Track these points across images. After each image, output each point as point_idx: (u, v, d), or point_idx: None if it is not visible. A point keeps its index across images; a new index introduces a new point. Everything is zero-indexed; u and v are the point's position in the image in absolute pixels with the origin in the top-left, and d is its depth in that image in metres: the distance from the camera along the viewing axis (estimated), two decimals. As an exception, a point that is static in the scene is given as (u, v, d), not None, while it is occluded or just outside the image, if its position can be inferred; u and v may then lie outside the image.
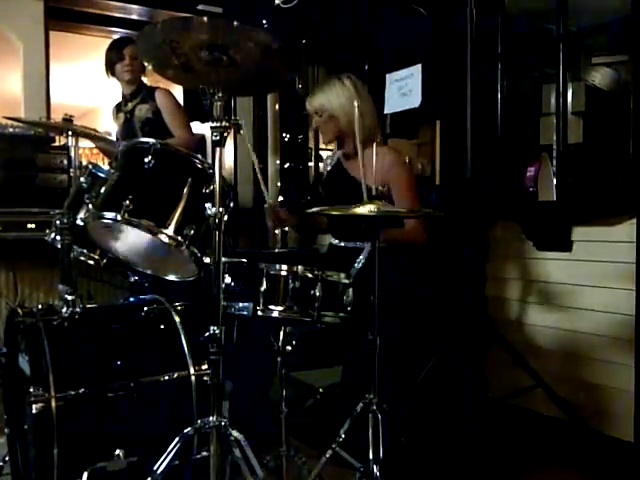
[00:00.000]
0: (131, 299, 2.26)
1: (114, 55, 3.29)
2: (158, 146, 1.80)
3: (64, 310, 1.87)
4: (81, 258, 2.13)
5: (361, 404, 1.85)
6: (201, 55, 1.58)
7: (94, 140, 2.90)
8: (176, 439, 1.62)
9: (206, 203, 1.63)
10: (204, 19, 1.53)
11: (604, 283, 2.56)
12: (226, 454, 1.63)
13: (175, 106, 3.32)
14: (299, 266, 1.76)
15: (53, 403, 1.67)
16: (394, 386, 2.26)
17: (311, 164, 4.41)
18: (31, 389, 1.66)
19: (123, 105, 3.41)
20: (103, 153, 3.75)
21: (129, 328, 2.00)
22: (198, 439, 1.73)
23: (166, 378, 1.86)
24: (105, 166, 2.10)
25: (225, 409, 1.69)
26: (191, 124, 3.35)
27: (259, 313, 1.74)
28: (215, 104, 1.61)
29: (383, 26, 3.48)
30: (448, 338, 2.68)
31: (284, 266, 1.75)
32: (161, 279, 2.05)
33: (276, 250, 2.81)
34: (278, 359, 1.94)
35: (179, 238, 1.73)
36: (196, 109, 3.55)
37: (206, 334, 1.58)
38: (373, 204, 1.74)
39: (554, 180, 2.78)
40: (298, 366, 2.67)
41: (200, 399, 1.85)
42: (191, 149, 2.56)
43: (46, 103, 3.67)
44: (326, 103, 2.50)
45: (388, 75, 3.30)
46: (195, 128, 3.41)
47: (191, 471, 1.80)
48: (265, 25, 3.92)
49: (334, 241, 2.66)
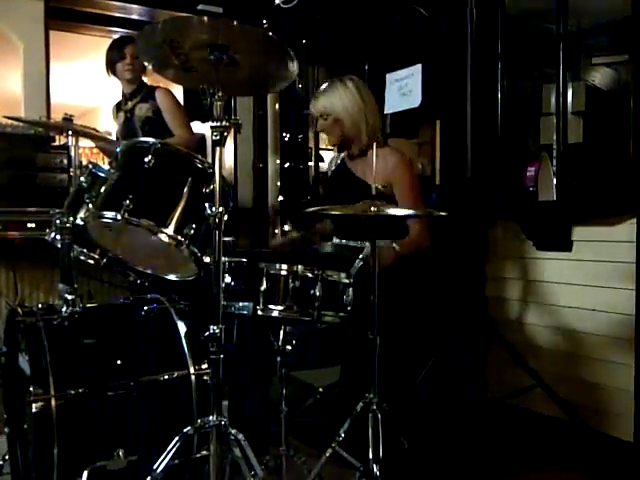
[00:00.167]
0: (131, 298, 2.25)
1: (115, 54, 3.29)
2: (158, 145, 1.79)
3: (64, 309, 1.87)
4: (81, 257, 2.12)
5: (361, 403, 1.85)
6: (201, 55, 1.58)
7: (94, 139, 2.91)
8: (176, 438, 1.62)
9: (206, 203, 1.63)
10: (204, 19, 1.53)
11: (604, 283, 2.56)
12: (226, 453, 1.64)
13: (175, 105, 3.33)
14: (299, 265, 1.76)
15: (53, 402, 1.67)
16: (394, 386, 2.26)
17: (311, 164, 4.40)
18: (31, 388, 1.66)
19: (123, 104, 3.41)
20: (103, 152, 3.75)
21: (129, 327, 2.00)
22: (198, 438, 1.73)
23: (166, 377, 1.86)
24: (105, 165, 2.10)
25: (225, 408, 1.69)
26: (191, 124, 3.35)
27: (259, 312, 1.74)
28: (215, 104, 1.61)
29: (383, 26, 3.48)
30: (448, 338, 2.68)
31: (284, 265, 1.76)
32: (161, 278, 2.05)
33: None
34: (278, 358, 1.94)
35: (179, 237, 1.73)
36: (196, 109, 3.56)
37: (206, 333, 1.58)
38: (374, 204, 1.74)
39: (554, 180, 2.78)
40: (298, 365, 2.67)
41: (200, 398, 1.85)
42: (191, 149, 2.56)
43: (46, 102, 3.67)
44: (330, 106, 2.50)
45: (388, 75, 3.30)
46: (195, 128, 3.41)
47: (191, 470, 1.81)
48: (265, 25, 3.92)
49: (337, 240, 2.67)
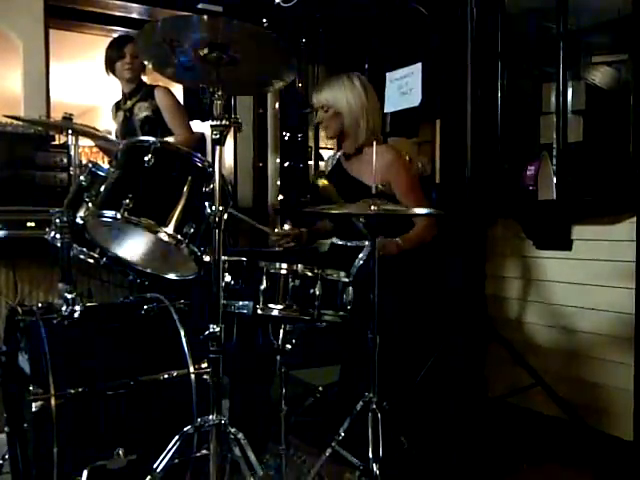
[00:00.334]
0: (131, 298, 2.25)
1: (114, 53, 3.29)
2: (158, 144, 1.79)
3: (64, 309, 1.87)
4: (81, 257, 2.12)
5: (361, 402, 1.85)
6: (201, 54, 1.58)
7: (94, 138, 2.91)
8: (176, 437, 1.62)
9: (206, 202, 1.63)
10: (204, 18, 1.53)
11: (604, 282, 2.56)
12: (226, 453, 1.64)
13: (175, 104, 3.32)
14: (299, 265, 1.76)
15: (53, 401, 1.67)
16: (393, 385, 2.26)
17: (311, 163, 4.41)
18: (31, 387, 1.66)
19: (122, 103, 3.41)
20: (103, 151, 3.75)
21: (129, 326, 2.00)
22: (198, 437, 1.73)
23: (166, 376, 1.86)
24: (105, 165, 2.10)
25: (225, 407, 1.69)
26: (191, 123, 3.35)
27: (259, 311, 1.74)
28: (215, 102, 1.61)
29: (383, 25, 3.48)
30: (447, 337, 2.68)
31: (284, 265, 1.75)
32: (161, 278, 2.05)
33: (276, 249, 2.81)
34: (278, 357, 1.94)
35: (179, 236, 1.73)
36: (196, 107, 3.56)
37: (206, 332, 1.58)
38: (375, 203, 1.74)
39: (554, 179, 2.78)
40: (298, 365, 2.67)
41: (200, 397, 1.85)
42: (191, 148, 2.55)
43: (46, 101, 3.66)
44: (332, 99, 2.50)
45: (388, 74, 3.30)
46: (195, 127, 3.41)
47: (191, 469, 1.81)
48: (265, 24, 3.92)
49: (336, 240, 2.66)
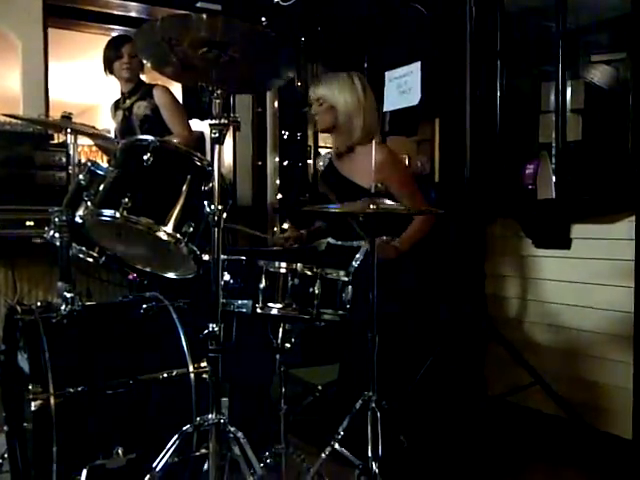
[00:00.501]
0: (130, 297, 2.25)
1: (112, 53, 3.28)
2: (157, 143, 1.79)
3: (63, 308, 1.87)
4: (80, 256, 2.12)
5: (360, 401, 1.85)
6: (200, 53, 1.58)
7: (93, 137, 2.90)
8: (175, 436, 1.62)
9: (205, 200, 1.63)
10: (203, 16, 1.53)
11: (603, 281, 2.56)
12: (225, 451, 1.64)
13: (174, 103, 3.32)
14: (298, 263, 1.76)
15: (52, 401, 1.66)
16: (393, 384, 2.26)
17: (310, 162, 4.40)
18: (30, 387, 1.66)
19: (121, 102, 3.40)
20: (102, 150, 3.75)
21: (128, 326, 2.00)
22: (197, 436, 1.73)
23: (165, 375, 1.86)
24: (104, 164, 2.10)
25: (224, 406, 1.69)
26: (190, 121, 3.35)
27: (258, 310, 1.74)
28: (214, 101, 1.61)
29: (382, 23, 3.48)
30: (447, 336, 2.68)
31: (283, 263, 1.75)
32: (160, 277, 2.05)
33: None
34: (277, 356, 1.94)
35: (178, 235, 1.73)
36: (195, 106, 3.56)
37: (205, 331, 1.58)
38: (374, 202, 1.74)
39: (553, 178, 2.78)
40: (297, 363, 2.67)
41: (199, 396, 1.85)
42: (190, 146, 2.55)
43: (45, 101, 3.66)
44: (329, 94, 2.52)
45: (387, 73, 3.30)
46: (194, 125, 3.41)
47: (190, 468, 1.81)
48: (264, 22, 3.92)
49: (332, 241, 2.66)
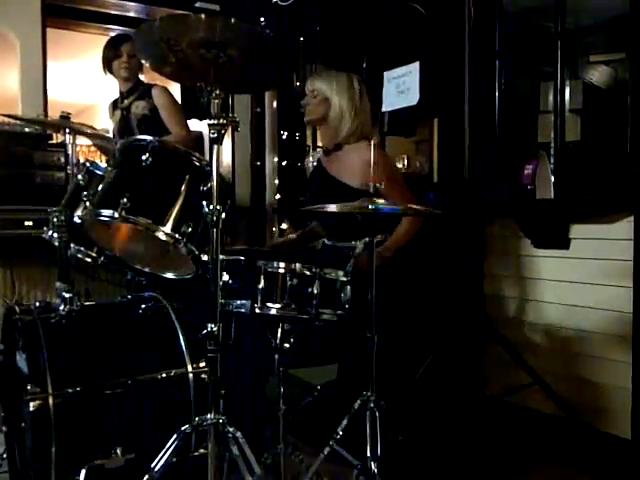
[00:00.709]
0: (128, 297, 2.25)
1: (111, 52, 3.28)
2: (156, 143, 1.80)
3: (61, 308, 1.87)
4: (78, 256, 2.12)
5: (359, 401, 1.85)
6: (199, 52, 1.58)
7: (91, 137, 2.90)
8: (174, 436, 1.61)
9: (203, 201, 1.63)
10: (202, 16, 1.53)
11: (602, 281, 2.56)
12: (224, 451, 1.63)
13: (172, 103, 3.31)
14: (297, 263, 1.76)
15: (50, 401, 1.67)
16: (392, 384, 2.26)
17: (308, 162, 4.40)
18: (29, 387, 1.66)
19: (120, 102, 3.40)
20: (100, 150, 3.74)
21: (127, 326, 2.00)
22: (196, 436, 1.73)
23: (164, 375, 1.86)
24: (102, 163, 2.09)
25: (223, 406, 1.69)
26: (188, 121, 3.35)
27: (257, 310, 1.74)
28: (213, 101, 1.61)
29: (381, 24, 3.48)
30: (446, 336, 2.68)
31: (282, 263, 1.75)
32: (159, 277, 2.04)
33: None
34: (276, 356, 1.94)
35: (177, 235, 1.73)
36: (193, 106, 3.55)
37: (204, 331, 1.58)
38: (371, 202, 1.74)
39: (552, 178, 2.78)
40: (296, 363, 2.67)
41: (198, 396, 1.85)
42: (188, 147, 2.55)
43: (43, 100, 3.66)
44: (327, 88, 2.54)
45: (386, 73, 3.30)
46: (192, 125, 3.41)
47: (189, 468, 1.81)
48: (263, 22, 3.92)
49: (327, 241, 2.65)
